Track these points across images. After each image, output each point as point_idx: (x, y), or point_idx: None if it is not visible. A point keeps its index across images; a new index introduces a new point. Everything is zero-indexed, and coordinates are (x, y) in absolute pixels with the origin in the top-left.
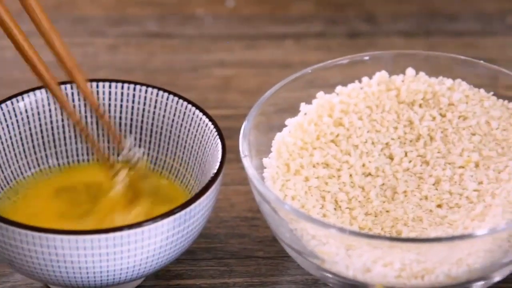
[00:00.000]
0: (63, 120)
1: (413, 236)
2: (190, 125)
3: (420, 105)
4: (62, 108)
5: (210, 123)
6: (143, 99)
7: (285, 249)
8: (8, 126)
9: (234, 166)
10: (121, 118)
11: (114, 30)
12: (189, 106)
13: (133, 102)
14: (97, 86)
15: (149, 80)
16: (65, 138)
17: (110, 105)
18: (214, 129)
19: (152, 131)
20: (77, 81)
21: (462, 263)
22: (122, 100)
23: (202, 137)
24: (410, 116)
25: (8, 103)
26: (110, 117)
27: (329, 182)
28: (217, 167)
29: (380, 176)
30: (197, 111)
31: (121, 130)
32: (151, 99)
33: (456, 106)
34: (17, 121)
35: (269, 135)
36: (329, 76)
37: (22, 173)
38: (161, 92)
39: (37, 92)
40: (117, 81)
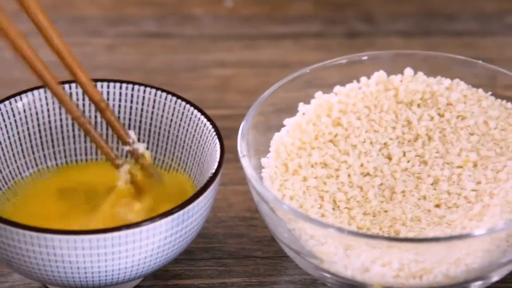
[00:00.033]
0: (62, 120)
1: (412, 236)
2: (189, 125)
3: (419, 105)
4: (61, 104)
5: (209, 123)
6: (142, 99)
7: (284, 249)
8: (7, 126)
9: (233, 166)
10: (119, 118)
11: (113, 30)
12: (188, 106)
13: (132, 102)
14: (95, 86)
15: (148, 80)
16: (63, 138)
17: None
18: (213, 129)
19: (151, 131)
20: (78, 76)
21: (460, 263)
22: (121, 100)
23: (201, 137)
24: (409, 116)
25: (6, 103)
26: (113, 111)
27: (328, 182)
28: (216, 167)
29: (379, 176)
30: (196, 111)
31: None
32: (150, 99)
33: (454, 106)
34: (15, 121)
35: (268, 135)
36: (328, 76)
37: (20, 173)
38: (160, 92)
39: (35, 92)
40: (115, 81)
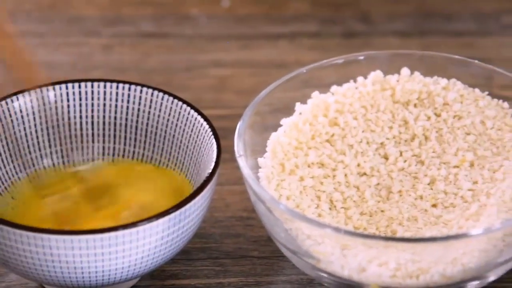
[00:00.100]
0: (58, 120)
1: (408, 236)
2: (185, 125)
3: (415, 105)
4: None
5: (205, 123)
6: (138, 99)
7: (280, 249)
8: (4, 126)
9: (229, 166)
10: (116, 118)
11: (109, 30)
12: (184, 106)
13: (128, 102)
14: (92, 86)
15: (144, 80)
16: (60, 138)
17: (105, 105)
18: (209, 129)
19: (147, 131)
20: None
21: (457, 263)
22: (117, 100)
23: (197, 137)
24: (405, 116)
25: (3, 103)
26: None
27: (324, 182)
28: (212, 167)
29: (375, 176)
30: (192, 111)
31: (116, 130)
32: (146, 99)
33: (451, 106)
34: (12, 121)
35: (264, 135)
36: (324, 76)
37: (17, 173)
38: (156, 92)
39: (32, 92)
40: (112, 81)
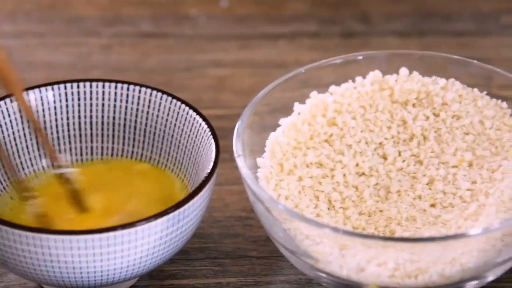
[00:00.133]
0: (57, 120)
1: (407, 236)
2: (184, 125)
3: (414, 105)
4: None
5: (204, 123)
6: (137, 99)
7: (279, 249)
8: (1, 126)
9: (228, 166)
10: (115, 118)
11: (108, 30)
12: (183, 106)
13: (127, 102)
14: (91, 86)
15: (144, 80)
16: (59, 138)
17: (104, 105)
18: (208, 129)
19: (146, 131)
20: (17, 95)
21: (456, 263)
22: (116, 100)
23: (196, 137)
24: (404, 116)
25: (1, 103)
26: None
27: (323, 182)
28: (211, 167)
29: (374, 176)
30: (191, 111)
31: (115, 130)
32: (145, 99)
33: (450, 106)
34: (11, 121)
35: (263, 135)
36: (323, 76)
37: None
38: (155, 92)
39: (30, 92)
40: (111, 81)
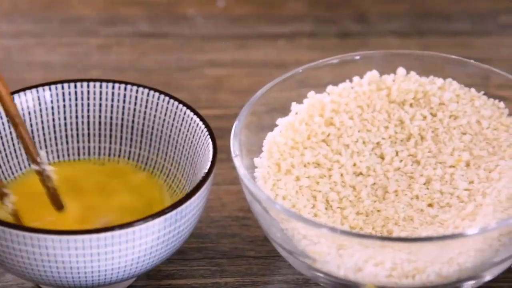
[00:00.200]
0: (54, 120)
1: (404, 236)
2: (181, 125)
3: (411, 105)
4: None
5: (201, 123)
6: (134, 99)
7: (276, 249)
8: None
9: (226, 166)
10: (112, 118)
11: (106, 30)
12: (180, 106)
13: (124, 102)
14: (88, 86)
15: (141, 80)
16: (56, 138)
17: (101, 105)
18: (205, 129)
19: (143, 131)
20: None
21: (453, 263)
22: (113, 100)
23: (193, 137)
24: (401, 116)
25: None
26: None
27: (320, 182)
28: (208, 167)
29: (371, 176)
30: (188, 111)
31: (112, 130)
32: (142, 99)
33: (447, 106)
34: (9, 121)
35: (260, 135)
36: (320, 76)
37: (13, 173)
38: (152, 92)
39: (27, 92)
40: (108, 81)
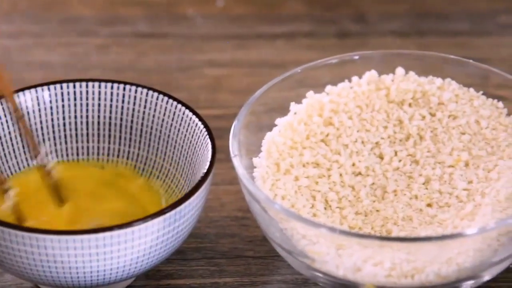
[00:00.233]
0: (53, 120)
1: (403, 236)
2: (180, 125)
3: (410, 105)
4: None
5: (200, 123)
6: (133, 99)
7: (275, 249)
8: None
9: (225, 166)
10: (111, 118)
11: (105, 30)
12: (179, 106)
13: (123, 102)
14: (87, 86)
15: (140, 80)
16: (55, 138)
17: (100, 105)
18: (204, 129)
19: (142, 131)
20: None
21: (452, 262)
22: (112, 100)
23: (192, 137)
24: (400, 116)
25: None
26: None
27: (319, 182)
28: (207, 167)
29: (370, 176)
30: (187, 111)
31: (111, 130)
32: (141, 99)
33: (446, 106)
34: (7, 121)
35: (259, 135)
36: (319, 76)
37: (12, 173)
38: (151, 92)
39: (27, 92)
40: (107, 81)
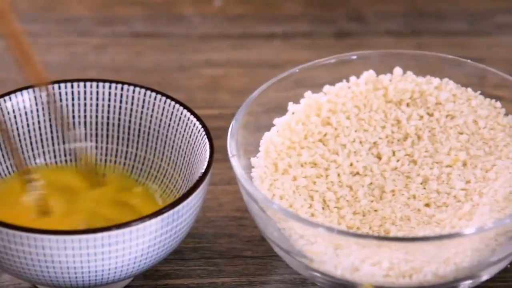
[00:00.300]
0: (51, 120)
1: (401, 235)
2: (178, 125)
3: (408, 104)
4: None
5: (198, 123)
6: (131, 99)
7: (274, 249)
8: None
9: (223, 166)
10: (109, 118)
11: (102, 30)
12: (177, 106)
13: (121, 102)
14: (85, 86)
15: (138, 80)
16: (53, 138)
17: (98, 105)
18: (202, 129)
19: (140, 131)
20: (29, 65)
21: (450, 262)
22: (110, 100)
23: (190, 137)
24: (398, 115)
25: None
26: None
27: (317, 182)
28: (205, 167)
29: (368, 175)
30: (185, 111)
31: (109, 130)
32: (139, 99)
33: (444, 105)
34: (5, 122)
35: (257, 135)
36: (317, 76)
37: (10, 173)
38: (149, 92)
39: (24, 92)
40: (105, 81)
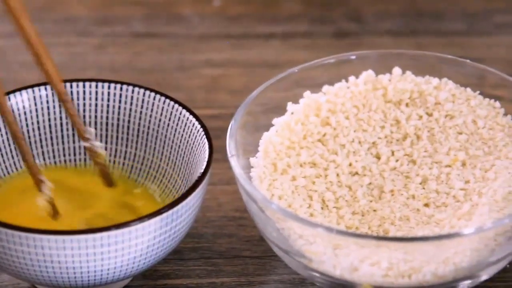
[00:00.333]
0: (50, 120)
1: (400, 235)
2: (177, 125)
3: (407, 104)
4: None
5: (197, 123)
6: (130, 99)
7: (273, 249)
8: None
9: (222, 166)
10: (108, 118)
11: (102, 30)
12: (176, 106)
13: (120, 102)
14: (84, 86)
15: (137, 80)
16: (52, 138)
17: (97, 105)
18: (201, 129)
19: (139, 131)
20: (46, 66)
21: (449, 262)
22: (109, 100)
23: (189, 137)
24: (397, 115)
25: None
26: (75, 106)
27: (316, 182)
28: (204, 167)
29: (367, 175)
30: (184, 111)
31: (108, 130)
32: (138, 99)
33: (443, 105)
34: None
35: (256, 135)
36: (316, 76)
37: (9, 173)
38: (148, 92)
39: (23, 92)
40: (104, 81)
